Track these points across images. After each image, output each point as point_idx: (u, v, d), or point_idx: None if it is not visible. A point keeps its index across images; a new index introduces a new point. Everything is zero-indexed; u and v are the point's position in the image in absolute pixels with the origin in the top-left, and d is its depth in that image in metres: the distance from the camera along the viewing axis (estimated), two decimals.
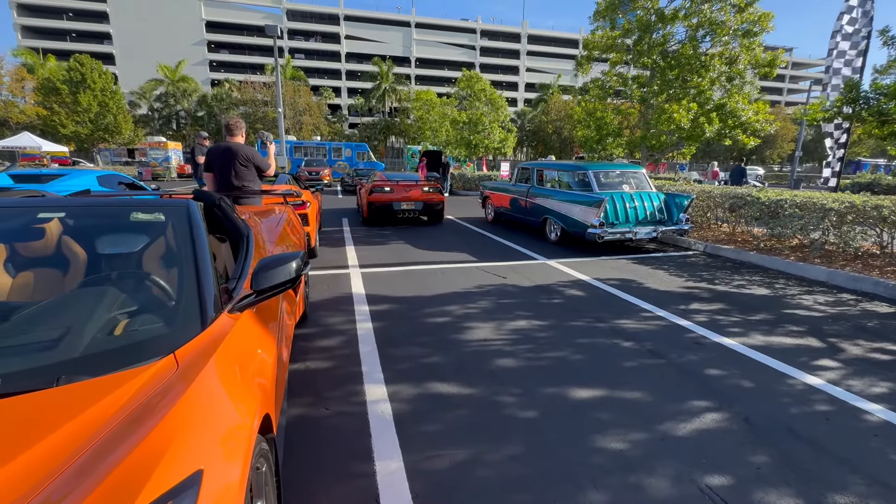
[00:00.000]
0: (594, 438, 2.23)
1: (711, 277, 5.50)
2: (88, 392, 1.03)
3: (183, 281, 1.55)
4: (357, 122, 57.66)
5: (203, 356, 1.22)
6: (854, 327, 3.84)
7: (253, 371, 1.42)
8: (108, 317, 1.38)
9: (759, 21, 10.35)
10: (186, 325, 1.37)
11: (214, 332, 1.37)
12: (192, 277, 1.55)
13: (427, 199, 9.33)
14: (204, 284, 1.53)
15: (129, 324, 1.38)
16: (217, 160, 4.42)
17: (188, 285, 1.52)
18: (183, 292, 1.51)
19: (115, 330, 1.34)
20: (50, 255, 1.75)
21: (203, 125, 44.43)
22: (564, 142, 49.47)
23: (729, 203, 7.27)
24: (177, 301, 1.51)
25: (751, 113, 10.64)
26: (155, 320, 1.42)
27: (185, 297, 1.49)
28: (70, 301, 1.52)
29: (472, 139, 21.29)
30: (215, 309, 1.48)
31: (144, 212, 1.82)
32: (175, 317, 1.43)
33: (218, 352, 1.25)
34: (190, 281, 1.54)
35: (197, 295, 1.48)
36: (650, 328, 3.75)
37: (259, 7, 61.14)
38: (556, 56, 70.84)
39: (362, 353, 3.20)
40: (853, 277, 5.10)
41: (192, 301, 1.46)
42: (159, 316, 1.45)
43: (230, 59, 60.62)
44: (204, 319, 1.41)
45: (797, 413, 2.49)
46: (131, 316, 1.43)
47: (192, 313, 1.42)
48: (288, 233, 3.19)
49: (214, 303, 1.50)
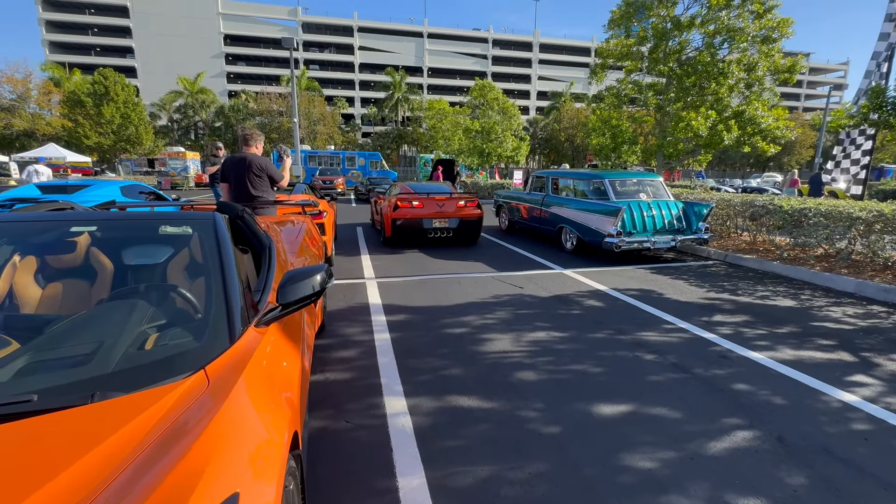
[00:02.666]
0: (621, 456, 2.17)
1: (734, 288, 5.37)
2: (123, 409, 1.03)
3: (211, 295, 1.56)
4: (370, 132, 58.30)
5: (233, 372, 1.21)
6: (888, 341, 3.70)
7: (281, 386, 1.41)
8: (139, 330, 1.39)
9: (779, 27, 10.21)
10: (215, 340, 1.37)
11: (243, 346, 1.37)
12: (220, 291, 1.56)
13: (463, 216, 7.82)
14: (232, 298, 1.53)
15: (158, 338, 1.39)
16: (232, 171, 4.50)
17: (216, 299, 1.53)
18: (211, 306, 1.52)
19: (146, 344, 1.35)
20: (79, 267, 1.78)
21: (220, 135, 45.40)
22: (577, 149, 49.27)
23: (750, 212, 7.13)
24: (205, 315, 1.51)
25: (770, 120, 10.47)
26: (184, 335, 1.42)
27: (213, 311, 1.49)
28: (101, 314, 1.54)
29: (485, 148, 21.33)
30: (243, 323, 1.49)
31: (172, 225, 1.84)
32: (204, 331, 1.43)
33: (248, 368, 1.24)
34: (218, 295, 1.54)
35: (225, 309, 1.49)
36: (673, 341, 3.67)
37: (275, 20, 62.62)
38: (568, 64, 70.93)
39: (381, 364, 3.19)
40: (884, 289, 4.93)
41: (221, 315, 1.47)
42: (188, 330, 1.45)
43: (247, 71, 62.02)
44: (232, 334, 1.41)
45: (833, 432, 2.39)
46: (161, 330, 1.44)
47: (220, 327, 1.42)
48: (308, 244, 3.21)
49: (242, 317, 1.50)
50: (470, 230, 7.98)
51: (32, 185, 6.51)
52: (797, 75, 10.73)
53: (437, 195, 7.82)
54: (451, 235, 7.84)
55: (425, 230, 7.61)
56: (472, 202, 7.89)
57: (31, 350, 1.27)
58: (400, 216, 7.50)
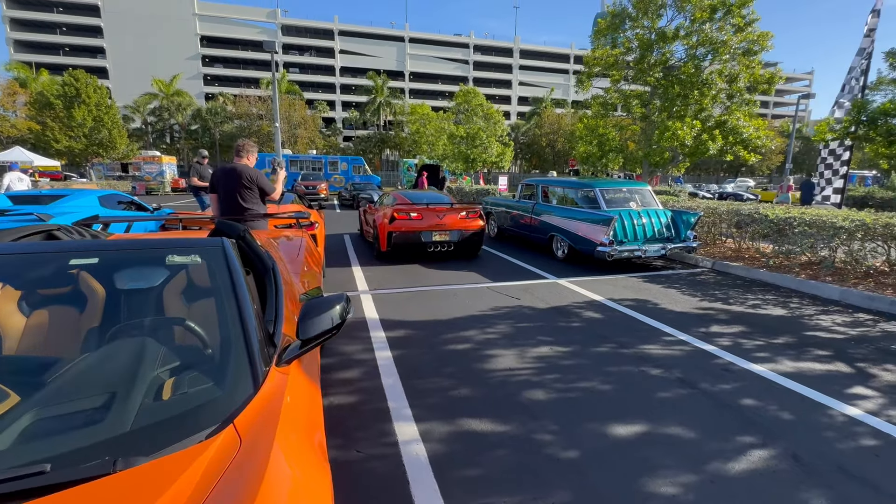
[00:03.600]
0: (643, 482, 2.13)
1: (725, 297, 5.46)
2: (151, 478, 0.92)
3: (228, 332, 1.45)
4: (352, 136, 57.87)
5: (266, 427, 1.11)
6: (879, 350, 3.80)
7: (313, 431, 1.32)
8: (152, 376, 1.28)
9: (759, 40, 10.57)
10: (238, 385, 1.27)
11: (269, 392, 1.27)
12: (238, 328, 1.45)
13: (465, 227, 7.29)
14: (250, 336, 1.43)
15: (175, 384, 1.27)
16: (221, 182, 4.33)
17: (234, 337, 1.42)
18: (230, 345, 1.41)
19: (163, 392, 1.23)
20: (69, 294, 1.65)
21: (197, 139, 44.39)
22: (558, 155, 49.99)
23: (736, 220, 7.29)
24: (223, 355, 1.40)
25: (752, 129, 10.80)
26: (202, 379, 1.31)
27: (232, 351, 1.38)
28: (107, 357, 1.40)
29: (470, 153, 21.39)
30: (264, 362, 1.38)
31: (180, 254, 1.72)
32: (224, 374, 1.32)
33: (280, 420, 1.15)
34: (235, 332, 1.44)
35: (245, 348, 1.38)
36: (676, 354, 3.68)
37: (254, 22, 61.67)
38: (548, 70, 72.03)
39: (386, 385, 3.09)
40: (868, 297, 5.08)
41: (241, 356, 1.36)
42: (206, 374, 1.34)
43: (224, 73, 60.84)
44: (255, 377, 1.30)
45: (845, 448, 2.41)
46: (175, 374, 1.32)
47: (242, 370, 1.32)
48: (309, 262, 3.09)
49: (262, 355, 1.40)
50: (472, 244, 7.55)
51: (2, 195, 6.16)
52: (775, 87, 11.15)
53: (437, 206, 7.33)
54: (452, 249, 7.34)
55: (424, 244, 7.11)
56: (475, 213, 7.47)
57: (35, 405, 1.14)
58: (397, 229, 6.99)
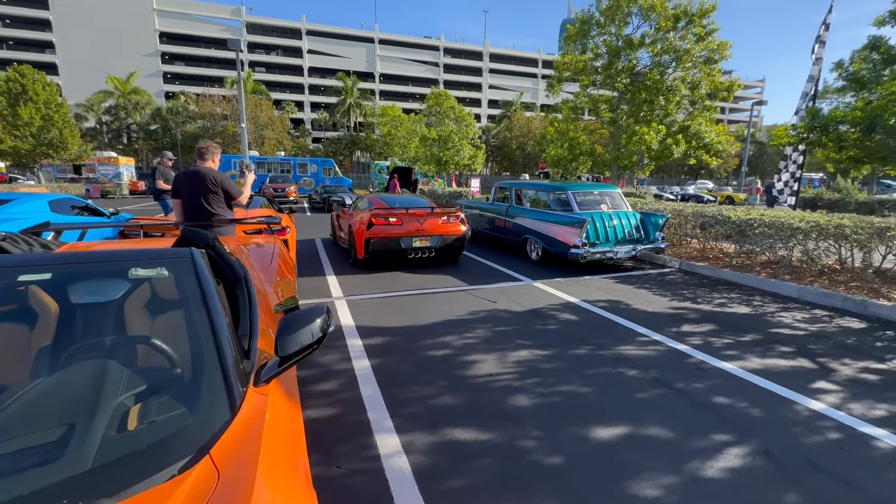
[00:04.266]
0: (627, 485, 2.14)
1: (693, 296, 5.64)
2: None
3: (201, 351, 1.35)
4: (321, 137, 56.86)
5: (246, 456, 1.03)
6: (837, 345, 4.00)
7: (297, 456, 1.24)
8: (115, 403, 1.17)
9: (718, 49, 11.08)
10: (213, 410, 1.17)
11: (248, 417, 1.18)
12: (211, 346, 1.35)
13: (446, 232, 7.00)
14: (225, 354, 1.33)
15: (142, 411, 1.17)
16: (184, 186, 4.12)
17: (208, 356, 1.32)
18: (202, 366, 1.31)
19: (128, 422, 1.13)
20: (23, 318, 1.50)
21: (157, 139, 42.51)
22: (528, 157, 50.77)
23: (701, 222, 7.57)
24: (195, 376, 1.30)
25: (713, 135, 11.31)
26: (173, 405, 1.21)
27: (205, 372, 1.29)
28: (63, 383, 1.27)
29: (442, 156, 21.40)
30: (241, 382, 1.29)
31: (144, 266, 1.59)
32: (197, 398, 1.22)
33: (262, 448, 1.07)
34: (209, 350, 1.34)
35: (219, 369, 1.29)
36: (650, 354, 3.76)
37: (217, 19, 59.71)
38: (517, 74, 73.11)
39: (365, 396, 3.00)
40: (823, 293, 5.37)
41: (215, 377, 1.26)
42: (176, 398, 1.24)
43: (186, 72, 58.61)
44: (232, 400, 1.21)
45: (812, 443, 2.51)
46: (141, 399, 1.21)
47: (216, 393, 1.22)
48: (283, 270, 2.97)
49: (238, 375, 1.31)
50: (454, 250, 7.27)
51: None
52: (734, 94, 11.74)
53: (417, 210, 7.00)
54: (433, 255, 7.05)
55: (404, 250, 6.80)
56: (456, 217, 7.21)
57: None
58: (375, 235, 6.63)
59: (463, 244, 7.30)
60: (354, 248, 6.97)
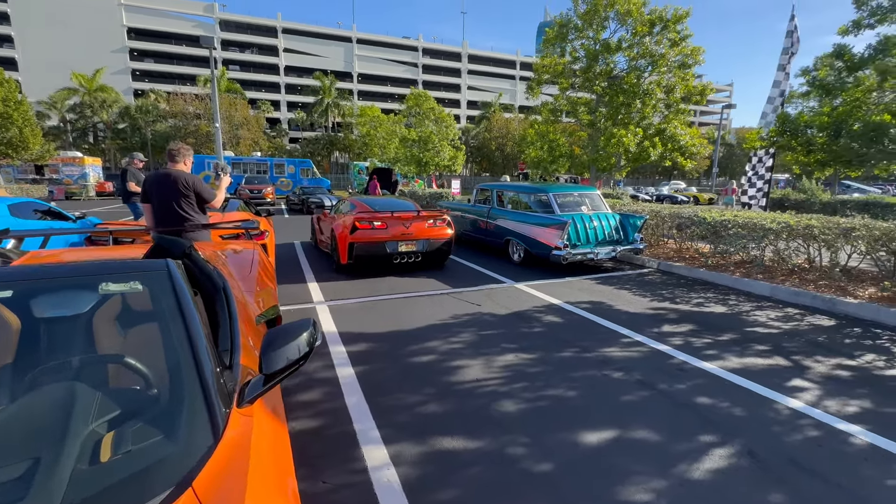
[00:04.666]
0: (616, 490, 2.15)
1: (672, 296, 5.75)
2: None
3: (180, 371, 1.27)
4: (298, 137, 55.94)
5: (233, 486, 0.97)
6: (809, 343, 4.14)
7: (285, 480, 1.17)
8: (86, 432, 1.08)
9: (692, 54, 11.41)
10: (195, 436, 1.10)
11: (233, 442, 1.11)
12: (190, 365, 1.27)
13: (433, 236, 6.83)
14: (205, 375, 1.25)
15: (116, 440, 1.08)
16: (154, 189, 3.94)
17: (187, 377, 1.24)
18: (182, 387, 1.23)
19: (100, 453, 1.04)
20: None
21: (126, 138, 41.00)
22: (507, 158, 51.15)
23: (677, 223, 7.74)
24: (174, 400, 1.22)
25: (688, 137, 11.63)
26: (150, 432, 1.13)
27: (185, 394, 1.21)
28: (25, 410, 1.18)
29: (423, 157, 21.33)
30: (224, 404, 1.22)
31: (116, 281, 1.49)
32: (177, 424, 1.14)
33: (250, 475, 1.00)
34: (188, 370, 1.26)
35: (200, 391, 1.21)
36: (633, 355, 3.80)
37: (189, 16, 58.04)
38: (496, 76, 73.59)
39: (350, 405, 2.93)
40: (794, 292, 5.55)
41: (196, 400, 1.19)
42: (154, 424, 1.16)
43: (156, 69, 56.80)
44: (215, 424, 1.14)
45: (793, 441, 2.57)
46: (115, 426, 1.13)
47: (198, 417, 1.15)
48: (263, 278, 2.87)
49: (221, 395, 1.23)
50: (441, 254, 7.10)
51: None
52: (707, 98, 12.12)
53: (402, 213, 6.80)
54: (419, 260, 6.87)
55: (389, 255, 6.58)
56: (443, 220, 7.05)
57: None
58: (359, 239, 6.40)
59: (450, 248, 7.17)
60: (337, 253, 6.74)
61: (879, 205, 12.72)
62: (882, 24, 5.90)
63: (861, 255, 5.78)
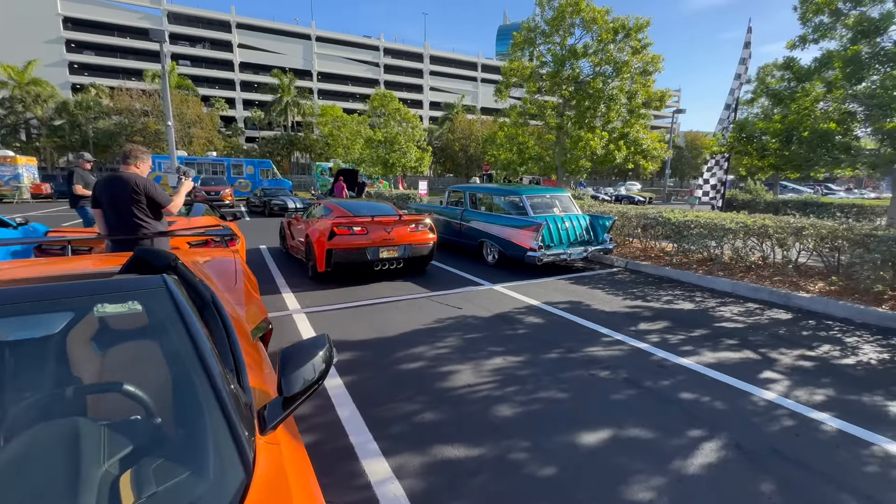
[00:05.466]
0: (620, 490, 2.19)
1: (643, 294, 5.98)
2: None
3: (196, 397, 1.16)
4: (256, 136, 53.90)
5: None
6: (772, 336, 4.41)
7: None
8: (99, 473, 0.97)
9: (653, 62, 11.96)
10: (225, 471, 1.01)
11: (267, 475, 1.03)
12: (207, 390, 1.17)
13: (415, 241, 6.59)
14: (224, 399, 1.16)
15: (136, 481, 0.98)
16: (104, 194, 3.63)
17: (205, 404, 1.14)
18: (201, 415, 1.13)
19: (122, 498, 0.94)
20: None
21: (64, 136, 37.98)
22: (471, 159, 51.51)
23: (643, 223, 8.07)
24: (192, 430, 1.12)
25: (649, 141, 12.18)
26: (173, 468, 1.03)
27: (206, 424, 1.10)
28: (23, 453, 1.04)
29: (389, 158, 21.12)
30: (249, 432, 1.13)
31: (111, 301, 1.35)
32: (202, 458, 1.05)
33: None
34: (206, 397, 1.15)
35: (222, 417, 1.11)
36: (617, 354, 3.91)
37: (133, 6, 54.58)
38: (458, 77, 74.01)
39: (343, 418, 2.84)
40: (753, 288, 5.91)
41: (219, 429, 1.09)
42: (176, 459, 1.06)
43: (97, 62, 53.10)
44: (244, 457, 1.05)
45: (773, 432, 2.72)
46: (131, 465, 1.02)
47: (224, 449, 1.06)
48: (250, 290, 2.72)
49: (244, 423, 1.14)
50: (423, 259, 6.87)
51: None
52: (666, 104, 12.74)
53: (383, 217, 6.53)
54: (401, 266, 6.63)
55: (370, 262, 6.31)
56: (425, 224, 6.85)
57: None
58: (337, 245, 6.06)
59: (432, 253, 6.97)
60: (313, 261, 6.39)
61: (816, 204, 13.85)
62: (824, 39, 6.45)
63: (808, 252, 6.24)
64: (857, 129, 6.75)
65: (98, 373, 1.31)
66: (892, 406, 3.05)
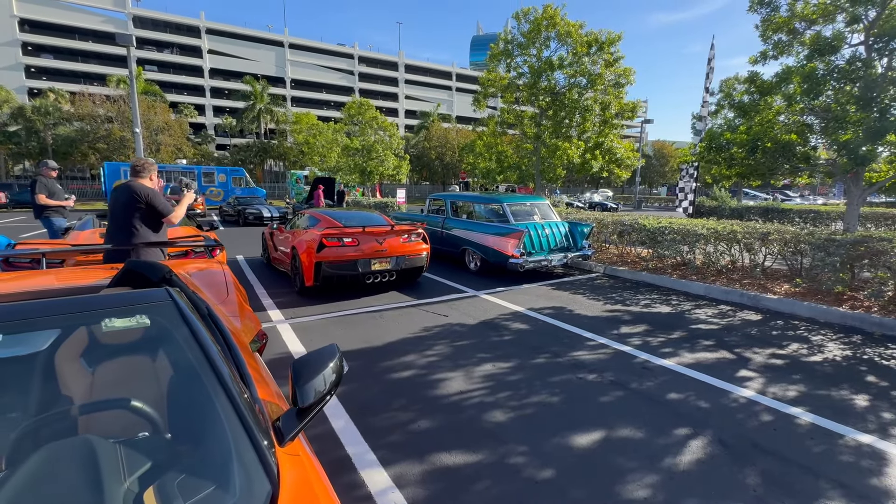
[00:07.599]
0: (618, 490, 2.26)
1: (622, 299, 6.16)
2: None
3: (214, 408, 1.16)
4: (227, 144, 52.74)
5: None
6: (745, 336, 4.63)
7: None
8: (121, 491, 0.96)
9: (625, 74, 12.44)
10: (251, 484, 1.01)
11: (295, 487, 1.04)
12: (224, 401, 1.16)
13: (408, 252, 6.36)
14: (242, 409, 1.16)
15: (161, 495, 0.97)
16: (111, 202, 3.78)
17: (224, 414, 1.14)
18: (220, 427, 1.12)
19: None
20: None
21: (20, 143, 36.13)
22: (447, 167, 51.86)
23: (619, 230, 8.32)
24: (211, 442, 1.12)
25: (623, 150, 12.63)
26: (197, 483, 1.02)
27: (226, 435, 1.10)
28: (38, 474, 1.01)
29: (367, 166, 21.06)
30: (269, 443, 1.13)
31: (119, 315, 1.33)
32: (225, 471, 1.05)
33: None
34: (224, 407, 1.15)
35: (241, 428, 1.11)
36: (602, 357, 4.02)
37: (96, 9, 52.69)
38: (433, 86, 74.58)
39: (337, 429, 2.82)
40: (725, 291, 6.19)
41: (240, 440, 1.09)
42: (199, 474, 1.05)
43: (57, 66, 50.96)
44: (268, 468, 1.05)
45: (753, 427, 2.86)
46: (152, 481, 1.01)
47: (247, 461, 1.06)
48: (241, 301, 2.68)
49: (263, 434, 1.14)
50: (416, 270, 6.68)
51: None
52: (637, 114, 13.29)
53: (374, 228, 6.25)
54: (394, 279, 6.41)
55: (362, 274, 6.01)
56: (418, 234, 6.63)
57: None
58: (327, 258, 5.76)
59: (425, 264, 6.74)
60: (301, 274, 6.02)
61: (776, 210, 14.63)
62: (783, 55, 6.89)
63: (774, 255, 6.59)
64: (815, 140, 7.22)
65: (106, 388, 1.28)
66: (858, 400, 3.25)
